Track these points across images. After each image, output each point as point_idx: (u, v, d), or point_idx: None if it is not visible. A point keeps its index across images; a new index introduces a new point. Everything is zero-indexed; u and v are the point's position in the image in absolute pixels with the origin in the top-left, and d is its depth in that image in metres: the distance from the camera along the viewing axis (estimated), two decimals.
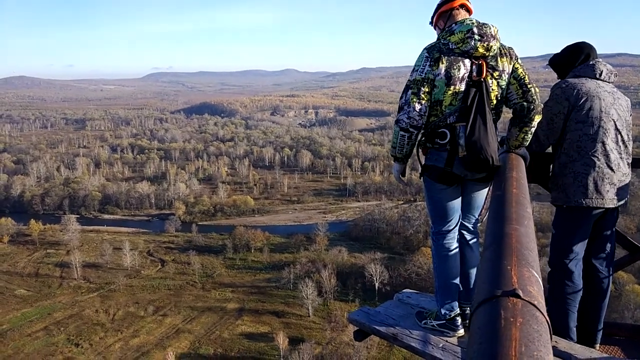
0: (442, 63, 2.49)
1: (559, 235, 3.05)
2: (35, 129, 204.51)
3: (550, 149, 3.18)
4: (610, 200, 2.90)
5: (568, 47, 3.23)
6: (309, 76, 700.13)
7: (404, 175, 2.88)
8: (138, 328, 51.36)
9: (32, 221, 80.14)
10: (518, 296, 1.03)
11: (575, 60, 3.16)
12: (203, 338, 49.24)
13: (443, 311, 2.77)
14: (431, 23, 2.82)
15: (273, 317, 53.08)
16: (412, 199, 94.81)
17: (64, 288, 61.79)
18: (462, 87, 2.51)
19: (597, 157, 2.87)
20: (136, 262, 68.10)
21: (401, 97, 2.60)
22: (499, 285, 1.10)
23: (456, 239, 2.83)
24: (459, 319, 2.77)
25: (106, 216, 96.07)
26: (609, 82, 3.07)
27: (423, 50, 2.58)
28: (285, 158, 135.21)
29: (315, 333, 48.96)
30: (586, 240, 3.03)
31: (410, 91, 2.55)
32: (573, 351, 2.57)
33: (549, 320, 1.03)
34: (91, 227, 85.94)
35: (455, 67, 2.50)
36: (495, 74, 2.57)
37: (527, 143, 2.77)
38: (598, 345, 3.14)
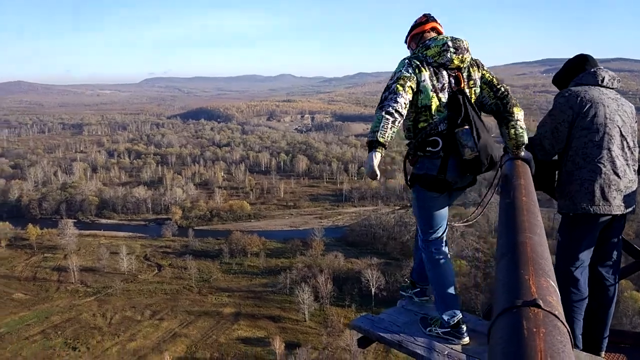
0: (425, 70, 2.61)
1: (565, 242, 3.04)
2: (32, 134, 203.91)
3: (556, 157, 3.17)
4: (617, 207, 2.88)
5: (567, 61, 3.26)
6: (305, 81, 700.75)
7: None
8: (135, 332, 51.22)
9: (30, 225, 79.86)
10: (539, 306, 1.01)
11: (574, 71, 3.18)
12: (199, 342, 49.08)
13: (446, 317, 2.79)
14: (406, 42, 2.96)
15: (269, 322, 52.95)
16: (408, 204, 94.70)
17: (61, 292, 61.62)
18: (444, 97, 2.62)
19: (603, 164, 2.86)
20: (133, 267, 67.89)
21: (384, 92, 2.56)
22: (518, 295, 1.07)
23: (445, 245, 2.88)
24: (464, 326, 2.78)
25: (103, 221, 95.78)
26: (611, 89, 3.07)
27: (403, 59, 2.68)
28: (282, 163, 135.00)
29: (312, 338, 48.86)
30: (592, 248, 3.02)
31: (396, 84, 2.54)
32: (579, 359, 2.57)
33: (570, 331, 1.01)
34: (88, 232, 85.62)
35: (434, 77, 2.62)
36: (470, 82, 2.72)
37: (523, 139, 2.78)
38: (603, 352, 3.14)
